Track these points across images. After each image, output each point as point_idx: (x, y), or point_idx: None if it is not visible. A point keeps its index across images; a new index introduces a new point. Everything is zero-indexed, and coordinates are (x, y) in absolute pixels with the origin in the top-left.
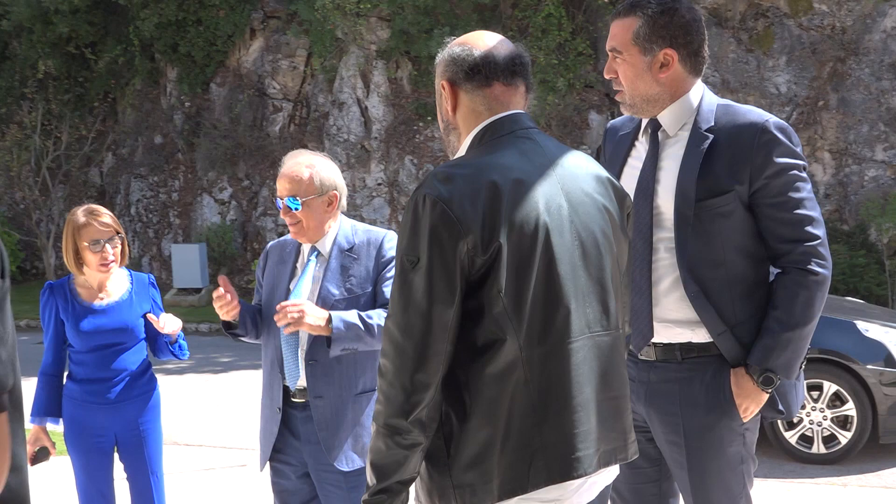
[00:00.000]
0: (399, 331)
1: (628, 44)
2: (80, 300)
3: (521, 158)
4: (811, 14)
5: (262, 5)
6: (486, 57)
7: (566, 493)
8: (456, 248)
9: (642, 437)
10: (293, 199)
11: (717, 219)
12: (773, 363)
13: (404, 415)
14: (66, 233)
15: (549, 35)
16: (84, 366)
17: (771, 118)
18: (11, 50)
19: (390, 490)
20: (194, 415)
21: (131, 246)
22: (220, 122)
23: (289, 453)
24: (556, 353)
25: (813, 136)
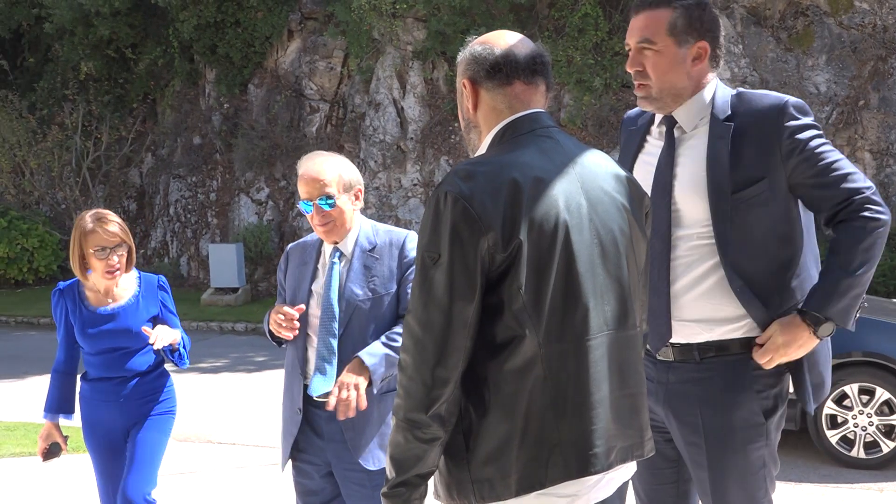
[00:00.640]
0: (420, 326)
1: (663, 35)
2: (88, 304)
3: (542, 157)
4: (852, 12)
5: (300, 7)
6: (507, 56)
7: (583, 488)
8: (477, 244)
9: (660, 438)
10: (325, 199)
11: (753, 209)
12: (832, 310)
13: (424, 409)
14: (74, 237)
15: (586, 35)
16: (94, 366)
17: (788, 98)
18: (53, 52)
19: (409, 483)
20: (229, 413)
21: (170, 245)
22: (258, 123)
23: (312, 453)
24: (575, 351)
25: (853, 135)
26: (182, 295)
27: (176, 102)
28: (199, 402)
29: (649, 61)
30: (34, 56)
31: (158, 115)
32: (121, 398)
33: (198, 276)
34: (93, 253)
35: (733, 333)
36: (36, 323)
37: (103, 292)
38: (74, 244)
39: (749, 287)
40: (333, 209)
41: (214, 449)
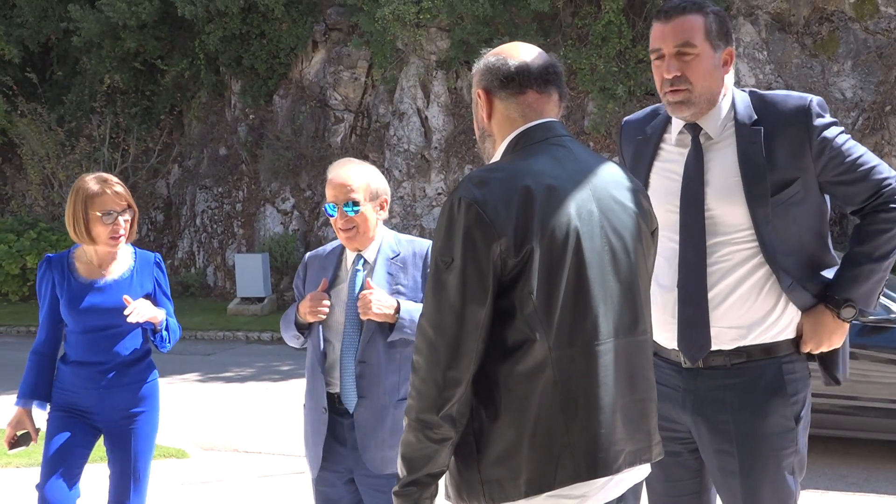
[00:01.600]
0: (433, 329)
1: (702, 39)
2: (78, 276)
3: (554, 165)
4: (877, 18)
5: (324, 18)
6: (521, 66)
7: (591, 490)
8: (489, 249)
9: (683, 449)
10: (350, 205)
11: (791, 209)
12: (855, 293)
13: (436, 410)
14: (75, 201)
15: (609, 43)
16: (77, 347)
17: (812, 98)
18: (81, 65)
19: (420, 482)
20: (254, 422)
21: (196, 255)
22: (283, 134)
23: (334, 460)
24: (584, 355)
25: (880, 141)
26: (208, 305)
27: (202, 114)
28: (225, 411)
29: (689, 66)
30: (62, 69)
31: (185, 127)
32: (102, 386)
33: (224, 286)
34: (99, 217)
35: (761, 338)
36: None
37: (97, 263)
38: (76, 209)
39: (796, 282)
40: (357, 215)
41: (240, 458)
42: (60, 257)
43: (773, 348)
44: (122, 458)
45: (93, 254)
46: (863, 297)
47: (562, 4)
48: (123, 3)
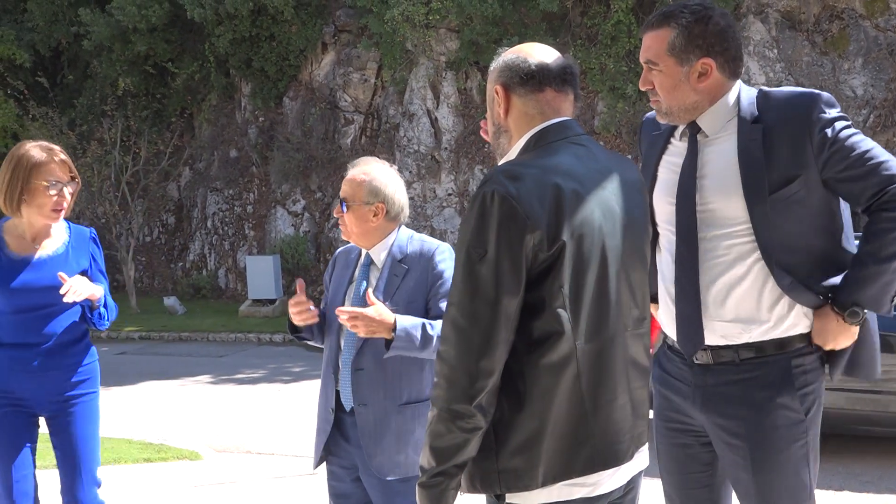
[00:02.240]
0: (465, 319)
1: (663, 55)
2: (9, 252)
3: (578, 163)
4: (888, 14)
5: (334, 20)
6: (540, 64)
7: (603, 477)
8: (523, 241)
9: (696, 442)
10: (343, 201)
11: (792, 206)
12: (862, 296)
13: (468, 399)
14: (14, 168)
15: (619, 42)
16: (9, 329)
17: (813, 92)
18: (92, 69)
19: (448, 473)
20: (266, 423)
21: (207, 257)
22: (293, 136)
23: (342, 456)
24: (606, 350)
25: (891, 138)
26: (220, 307)
27: (212, 116)
28: (237, 412)
29: (656, 80)
30: (73, 73)
31: (195, 129)
32: (38, 369)
33: (235, 288)
34: (45, 187)
35: (771, 333)
36: None
37: (30, 238)
38: (14, 177)
39: (798, 280)
40: (346, 213)
41: (253, 459)
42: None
43: (785, 343)
44: (66, 443)
45: (26, 227)
46: (871, 300)
47: (571, 4)
48: (133, 6)
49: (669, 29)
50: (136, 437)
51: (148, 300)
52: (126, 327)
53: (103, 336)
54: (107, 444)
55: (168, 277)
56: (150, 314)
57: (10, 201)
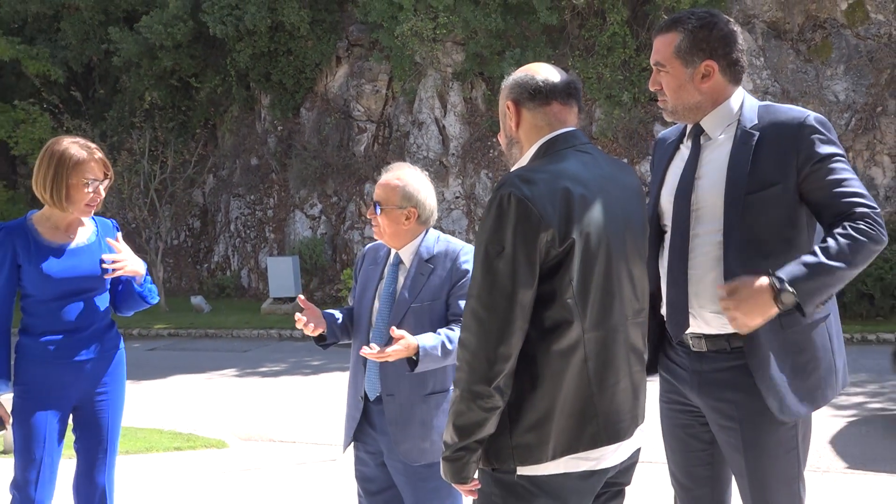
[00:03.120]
0: (485, 310)
1: (671, 57)
2: (47, 241)
3: (584, 169)
4: (868, 24)
5: (347, 35)
6: (546, 80)
7: (607, 452)
8: (537, 238)
9: (695, 422)
10: (377, 205)
11: (765, 210)
12: (800, 284)
13: (487, 381)
14: (57, 165)
15: (615, 53)
16: (45, 317)
17: (811, 113)
18: (122, 84)
19: (469, 448)
20: (289, 413)
21: (231, 259)
22: (310, 144)
23: (368, 442)
24: (610, 337)
25: (872, 140)
26: (243, 305)
27: (234, 127)
28: (261, 403)
29: (663, 81)
30: (104, 88)
31: (218, 139)
32: (77, 357)
33: (257, 287)
34: (83, 183)
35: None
36: None
37: (64, 228)
38: (57, 172)
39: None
40: (380, 216)
41: (276, 447)
42: (20, 225)
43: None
44: (95, 430)
45: (60, 218)
46: (805, 292)
47: (569, 17)
48: (160, 24)
49: (676, 33)
50: (166, 428)
51: (176, 299)
52: (156, 325)
53: (134, 333)
54: (139, 434)
55: (194, 278)
56: (178, 312)
57: (58, 196)
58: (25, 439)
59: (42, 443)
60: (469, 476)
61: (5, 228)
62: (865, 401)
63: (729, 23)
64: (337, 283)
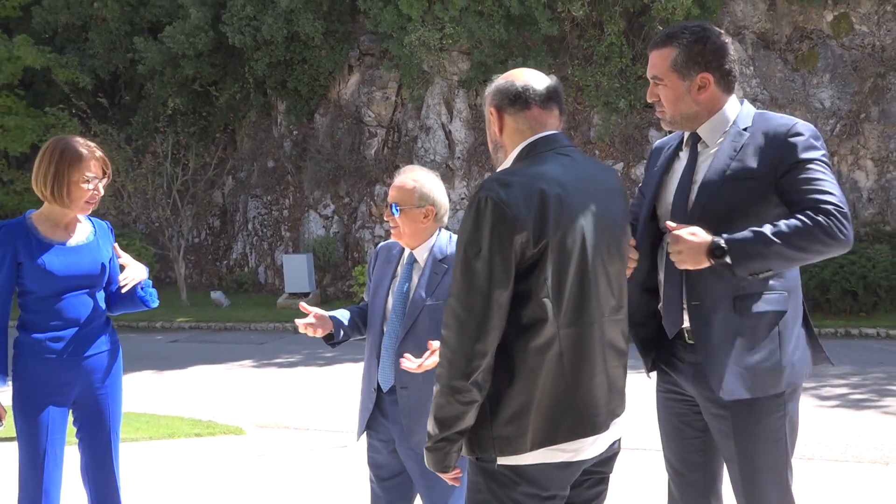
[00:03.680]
0: (463, 309)
1: (668, 71)
2: (46, 239)
3: (562, 171)
4: (852, 35)
5: (358, 44)
6: (526, 86)
7: (584, 444)
8: (512, 240)
9: (689, 411)
10: (395, 206)
11: (742, 197)
12: (736, 245)
13: (465, 377)
14: (57, 162)
15: (612, 62)
16: (45, 314)
17: (799, 121)
18: (146, 90)
19: (450, 439)
20: (303, 402)
21: (249, 256)
22: (324, 148)
23: (380, 431)
24: (584, 333)
25: (856, 145)
26: (260, 300)
27: (252, 131)
28: (276, 393)
29: (661, 93)
30: (129, 94)
31: (237, 143)
32: (78, 354)
33: (274, 283)
34: (83, 182)
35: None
36: (135, 326)
37: (64, 226)
38: (59, 169)
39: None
40: (398, 216)
41: (290, 434)
42: (20, 223)
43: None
44: (98, 423)
45: (59, 216)
46: (739, 254)
47: (569, 28)
48: (182, 34)
49: (672, 48)
50: (187, 415)
51: (197, 294)
52: (178, 318)
53: (157, 326)
54: (161, 421)
55: (214, 274)
56: (198, 306)
57: (59, 193)
58: (29, 433)
59: (46, 435)
60: (450, 465)
61: (5, 227)
62: (849, 392)
63: (721, 35)
64: (349, 279)
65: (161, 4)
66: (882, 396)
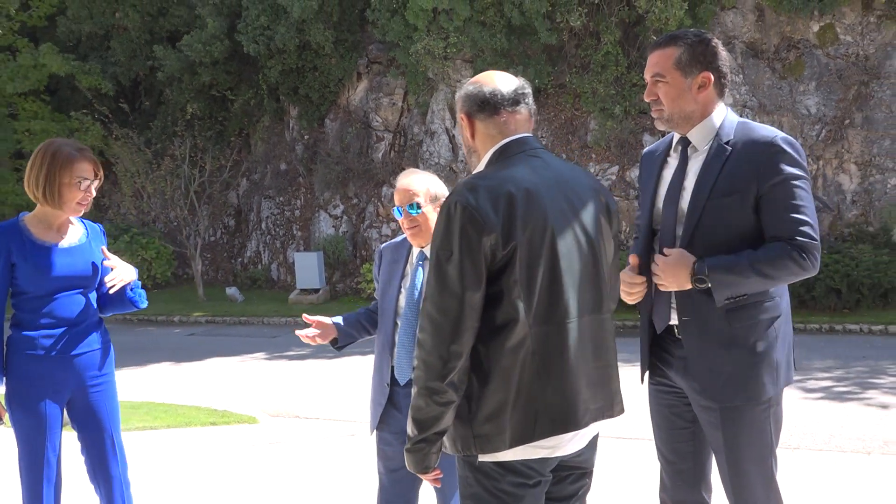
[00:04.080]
0: (437, 311)
1: (671, 69)
2: (41, 240)
3: (531, 173)
4: (837, 44)
5: (367, 53)
6: (493, 91)
7: (562, 441)
8: (481, 243)
9: (679, 402)
10: (413, 206)
11: (725, 213)
12: (715, 272)
13: (441, 378)
14: (49, 164)
15: (608, 70)
16: (38, 313)
17: (780, 134)
18: (165, 96)
19: (428, 440)
20: (312, 393)
21: (262, 254)
22: (333, 151)
23: (392, 424)
24: (557, 331)
25: (840, 150)
26: (273, 295)
27: (265, 135)
28: (288, 384)
29: (661, 91)
30: (149, 100)
31: (251, 147)
32: (71, 351)
33: (286, 280)
34: (74, 183)
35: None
36: (154, 320)
37: (56, 228)
38: (50, 172)
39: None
40: (419, 215)
41: (301, 423)
42: (13, 224)
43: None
44: (95, 421)
45: (52, 218)
46: (718, 282)
47: (567, 38)
48: (199, 43)
49: (676, 47)
50: (203, 405)
51: (212, 290)
52: (195, 313)
53: (175, 320)
54: (179, 411)
55: (229, 271)
56: (214, 302)
57: (51, 194)
58: (26, 428)
59: (44, 431)
60: (430, 466)
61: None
62: (833, 385)
63: (717, 42)
64: (357, 276)
65: (179, 14)
66: (864, 389)
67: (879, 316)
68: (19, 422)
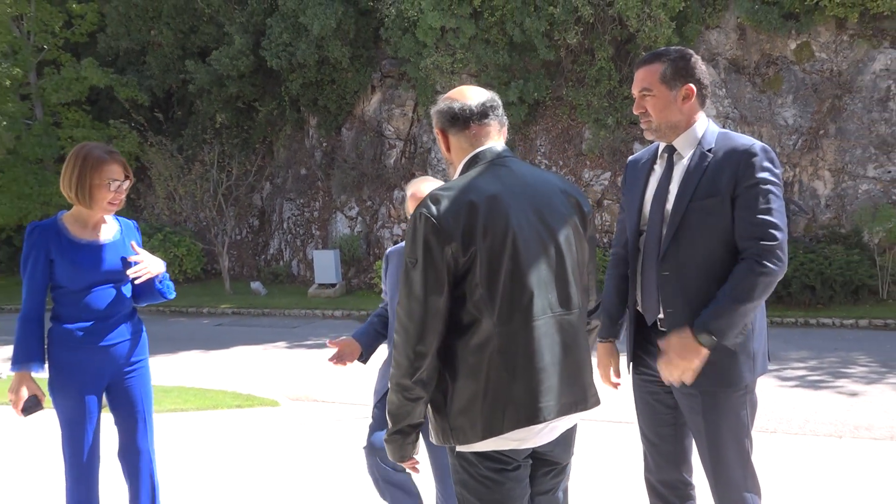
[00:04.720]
0: (404, 314)
1: (657, 83)
2: (77, 238)
3: (495, 180)
4: (813, 61)
5: (380, 68)
6: (462, 107)
7: (531, 434)
8: (443, 251)
9: (661, 390)
10: None
11: (705, 216)
12: (713, 324)
13: (409, 376)
14: (82, 167)
15: (601, 84)
16: (75, 306)
17: (758, 143)
18: (196, 107)
19: (403, 432)
20: (330, 378)
21: (283, 252)
22: (349, 157)
23: None
24: (522, 329)
25: (815, 158)
26: (293, 289)
27: (287, 143)
28: (307, 370)
29: (649, 104)
30: (181, 110)
31: (274, 153)
32: (107, 342)
33: (305, 275)
34: (105, 184)
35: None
36: (185, 311)
37: (91, 226)
38: (82, 174)
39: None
40: None
41: (319, 406)
42: (51, 223)
43: None
44: (129, 404)
45: (87, 217)
46: (719, 330)
47: (564, 54)
48: (227, 58)
49: (660, 63)
50: (229, 389)
51: (238, 284)
52: (222, 305)
53: (204, 311)
54: (207, 394)
55: (254, 267)
56: (240, 295)
57: (83, 195)
58: (69, 416)
59: (84, 416)
60: (407, 455)
61: (39, 227)
62: (807, 374)
63: (698, 58)
64: (370, 272)
65: (209, 32)
66: (836, 378)
67: (850, 311)
68: (62, 408)
